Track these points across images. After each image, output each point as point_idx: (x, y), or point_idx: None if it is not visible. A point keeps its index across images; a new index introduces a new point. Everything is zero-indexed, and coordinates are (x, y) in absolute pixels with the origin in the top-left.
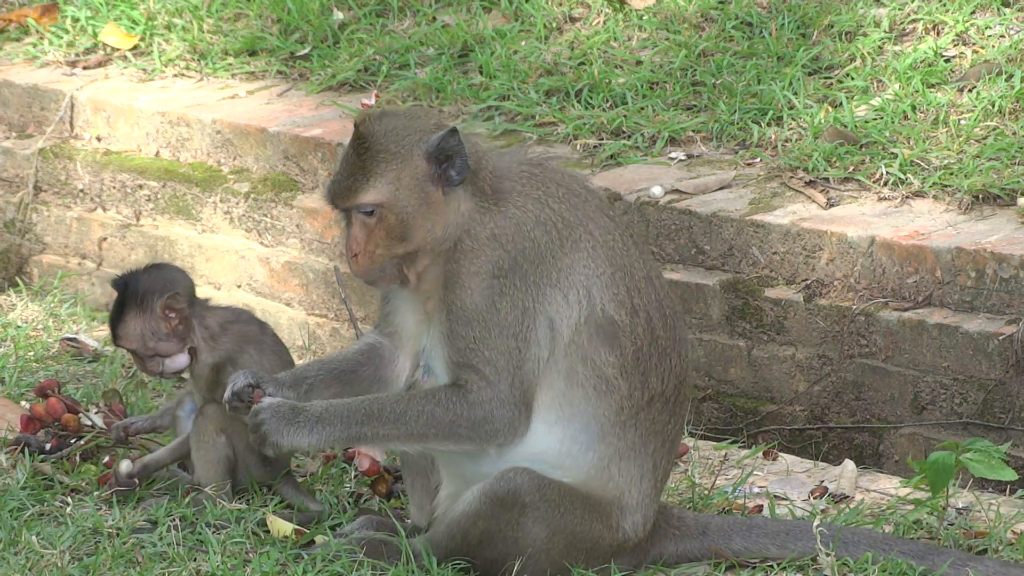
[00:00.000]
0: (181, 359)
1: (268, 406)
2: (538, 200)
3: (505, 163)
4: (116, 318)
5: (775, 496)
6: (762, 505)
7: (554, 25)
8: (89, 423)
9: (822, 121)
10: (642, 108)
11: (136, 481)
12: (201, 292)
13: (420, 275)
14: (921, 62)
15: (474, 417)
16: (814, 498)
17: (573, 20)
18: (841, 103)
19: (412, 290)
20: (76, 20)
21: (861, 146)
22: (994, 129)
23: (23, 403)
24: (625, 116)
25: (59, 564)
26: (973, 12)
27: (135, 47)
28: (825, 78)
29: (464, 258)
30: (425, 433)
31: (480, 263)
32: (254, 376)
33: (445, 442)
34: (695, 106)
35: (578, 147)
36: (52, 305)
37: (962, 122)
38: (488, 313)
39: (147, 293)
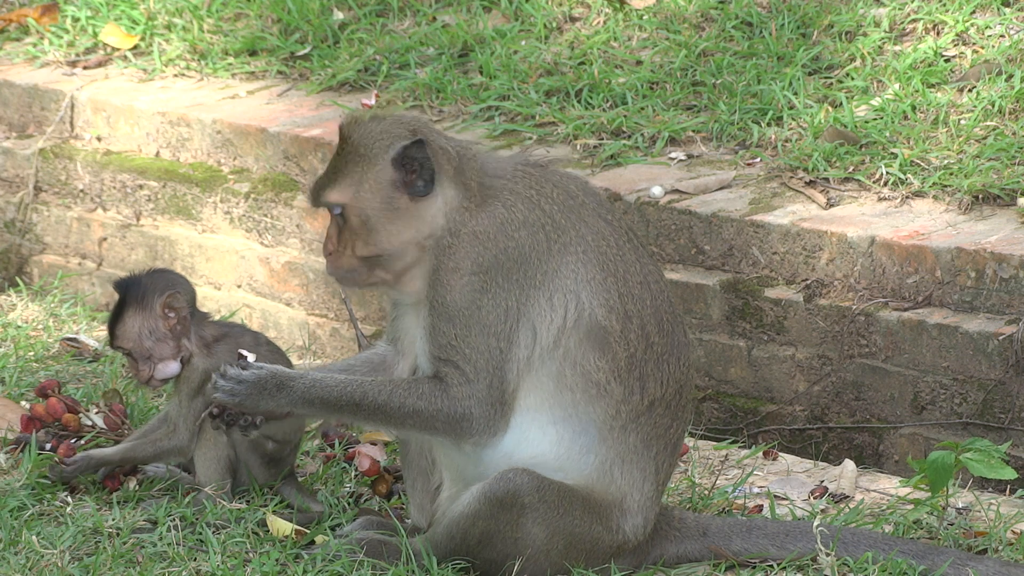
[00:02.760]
0: (172, 366)
1: (255, 378)
2: (529, 200)
3: (501, 164)
4: (115, 318)
5: (775, 496)
6: (762, 505)
7: (554, 25)
8: (89, 423)
9: (822, 121)
10: (642, 108)
11: (68, 468)
12: (201, 292)
13: (399, 276)
14: (921, 62)
15: (452, 413)
16: (814, 498)
17: (573, 20)
18: (841, 103)
19: (398, 291)
20: (76, 20)
21: (861, 146)
22: (994, 129)
23: (23, 403)
24: (625, 116)
25: (59, 564)
26: (973, 12)
27: (135, 47)
28: (825, 78)
29: (444, 255)
30: (403, 423)
31: (459, 260)
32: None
33: (422, 433)
34: (695, 106)
35: (578, 147)
36: (52, 305)
37: (962, 122)
38: (469, 311)
39: (148, 292)
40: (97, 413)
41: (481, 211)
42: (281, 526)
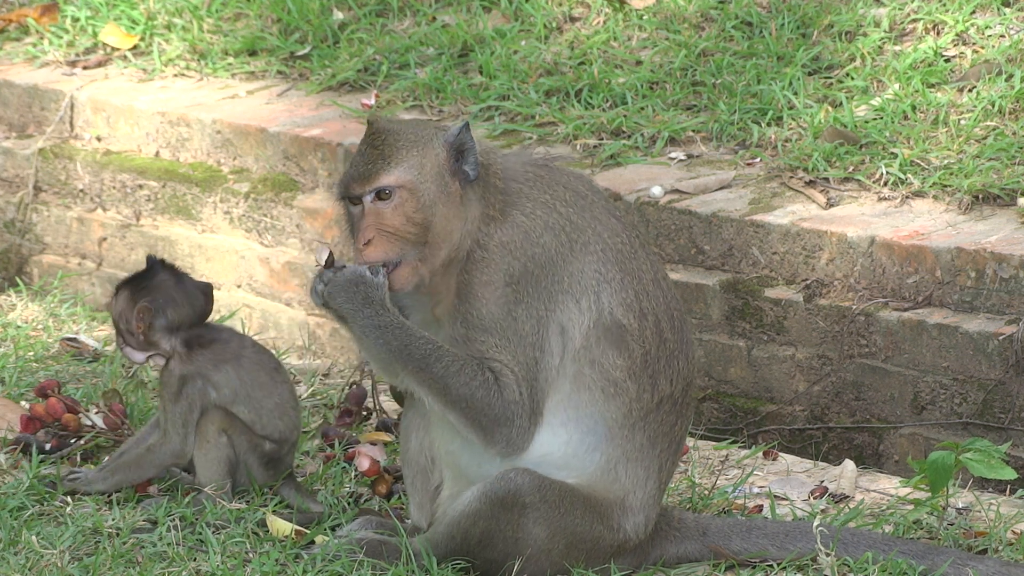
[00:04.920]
0: (137, 356)
1: (350, 279)
2: (546, 204)
3: (511, 164)
4: (122, 284)
5: (775, 496)
6: (762, 505)
7: (554, 25)
8: (89, 423)
9: (822, 121)
10: (642, 108)
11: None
12: None
13: (433, 274)
14: (921, 62)
15: (499, 416)
16: (814, 498)
17: (573, 20)
18: (841, 103)
19: (423, 292)
20: (76, 20)
21: (861, 146)
22: (994, 129)
23: (23, 403)
24: (625, 116)
25: (59, 564)
26: (973, 12)
27: (135, 47)
28: (825, 78)
29: (475, 268)
30: (455, 402)
31: (491, 272)
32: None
33: (462, 418)
34: (695, 106)
35: (578, 147)
36: (52, 305)
37: (962, 122)
38: (505, 322)
39: (142, 289)
40: (97, 413)
41: (504, 221)
42: (281, 526)
